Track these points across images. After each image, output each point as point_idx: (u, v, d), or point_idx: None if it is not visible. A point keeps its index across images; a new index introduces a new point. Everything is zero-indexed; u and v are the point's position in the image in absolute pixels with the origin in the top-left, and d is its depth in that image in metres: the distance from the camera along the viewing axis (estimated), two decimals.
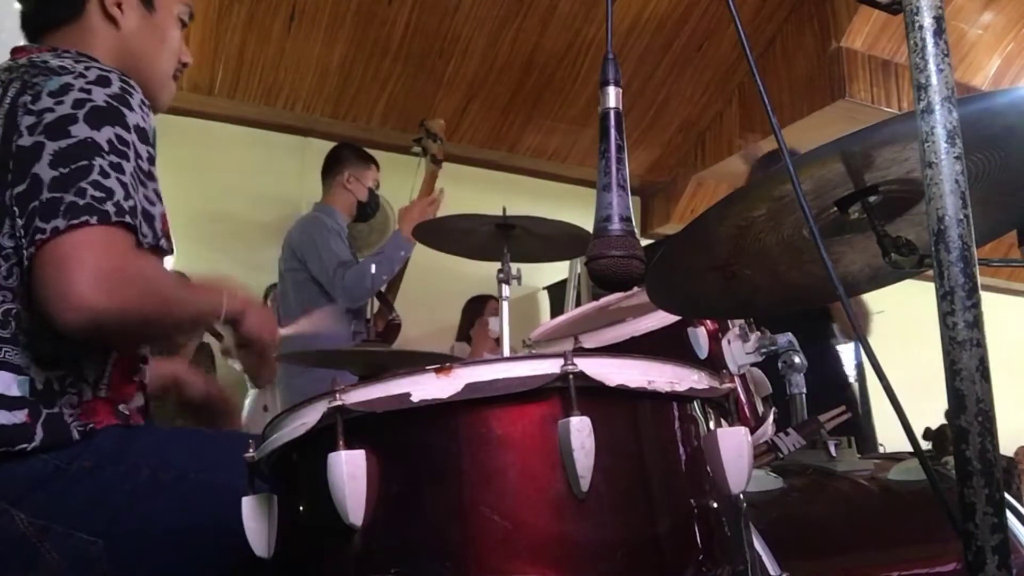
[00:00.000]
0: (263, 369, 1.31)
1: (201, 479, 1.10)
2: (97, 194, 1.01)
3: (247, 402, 4.03)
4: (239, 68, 4.42)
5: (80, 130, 1.04)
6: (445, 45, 4.59)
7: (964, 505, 0.63)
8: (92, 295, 0.97)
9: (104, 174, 1.03)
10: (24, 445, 1.04)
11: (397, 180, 3.24)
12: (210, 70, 4.32)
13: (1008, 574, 0.61)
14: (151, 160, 1.13)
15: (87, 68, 1.11)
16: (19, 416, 1.05)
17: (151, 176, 1.12)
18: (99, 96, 1.08)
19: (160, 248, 1.13)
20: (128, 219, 1.03)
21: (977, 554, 0.62)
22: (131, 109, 1.10)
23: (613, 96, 0.79)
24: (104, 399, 1.14)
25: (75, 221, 0.99)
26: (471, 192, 4.70)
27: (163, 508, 1.08)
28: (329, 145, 3.44)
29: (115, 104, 1.09)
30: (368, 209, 3.26)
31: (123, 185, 1.04)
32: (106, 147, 1.05)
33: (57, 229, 0.99)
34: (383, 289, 3.04)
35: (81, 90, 1.08)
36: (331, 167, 3.27)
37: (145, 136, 1.11)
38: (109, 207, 1.01)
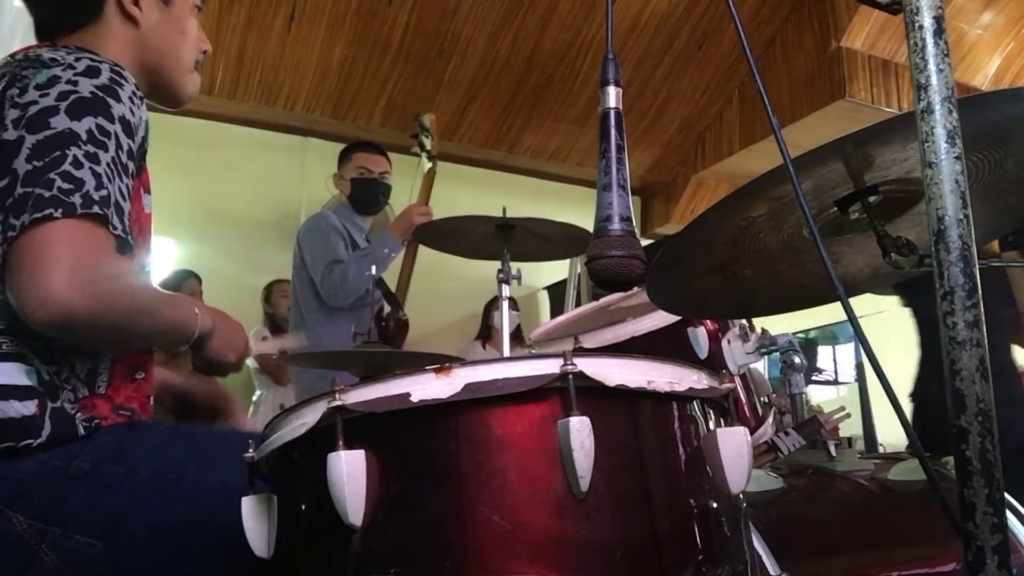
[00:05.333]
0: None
1: (201, 479, 1.09)
2: (65, 185, 0.99)
3: (255, 399, 4.02)
4: (239, 68, 4.43)
5: (59, 122, 1.03)
6: (445, 45, 4.59)
7: (964, 505, 0.63)
8: (65, 292, 0.95)
9: (77, 164, 1.00)
10: (31, 441, 1.03)
11: (398, 180, 3.21)
12: (210, 70, 4.32)
13: (1008, 574, 0.61)
14: (130, 154, 1.09)
15: (77, 59, 1.09)
16: (29, 407, 1.04)
17: (127, 170, 1.09)
18: (85, 87, 1.06)
19: (126, 242, 1.09)
20: (97, 209, 1.00)
21: (977, 554, 0.62)
22: (118, 100, 1.08)
23: (613, 96, 0.79)
24: (103, 396, 1.13)
25: (38, 215, 0.97)
26: (471, 192, 4.70)
27: (163, 509, 1.07)
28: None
29: (100, 94, 1.07)
30: (361, 198, 3.11)
31: (96, 175, 1.01)
32: (84, 136, 1.03)
33: (24, 224, 0.97)
34: (392, 288, 3.01)
35: (68, 82, 1.06)
36: None
37: (130, 129, 1.09)
38: (76, 199, 0.99)
